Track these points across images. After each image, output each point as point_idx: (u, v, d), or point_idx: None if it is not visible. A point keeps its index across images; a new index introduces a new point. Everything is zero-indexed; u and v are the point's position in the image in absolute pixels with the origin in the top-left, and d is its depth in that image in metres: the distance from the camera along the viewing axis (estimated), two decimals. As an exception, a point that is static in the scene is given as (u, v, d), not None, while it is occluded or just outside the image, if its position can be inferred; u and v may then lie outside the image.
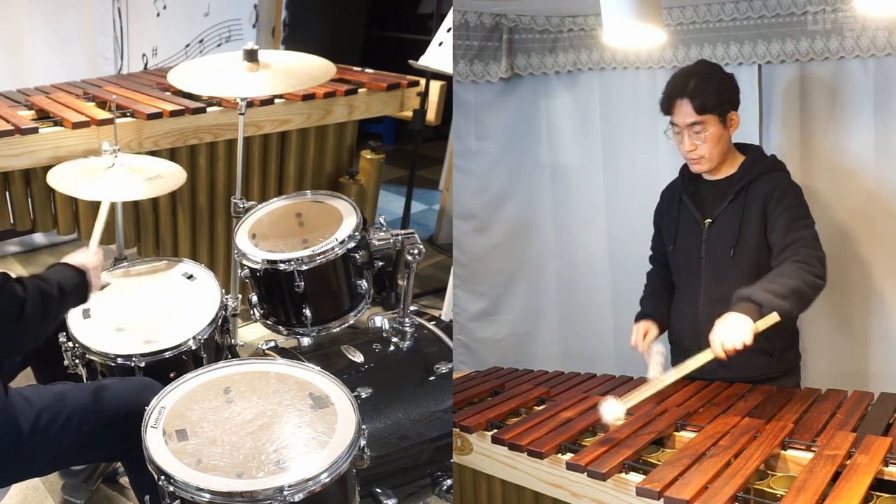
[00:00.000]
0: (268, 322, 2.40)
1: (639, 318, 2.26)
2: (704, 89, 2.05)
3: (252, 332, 3.14)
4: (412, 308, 2.27)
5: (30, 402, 1.76)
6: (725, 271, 2.13)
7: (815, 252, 1.95)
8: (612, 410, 1.73)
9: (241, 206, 2.63)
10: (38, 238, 4.00)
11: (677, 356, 2.26)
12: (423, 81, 3.40)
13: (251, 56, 2.42)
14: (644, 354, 2.11)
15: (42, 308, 1.72)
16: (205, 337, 2.12)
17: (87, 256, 1.93)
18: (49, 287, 1.77)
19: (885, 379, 2.50)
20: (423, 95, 3.43)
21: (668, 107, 2.11)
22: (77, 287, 1.86)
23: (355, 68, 3.37)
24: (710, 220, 2.15)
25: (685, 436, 1.78)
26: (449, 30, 2.96)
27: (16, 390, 1.78)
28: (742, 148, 2.19)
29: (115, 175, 2.37)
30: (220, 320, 2.21)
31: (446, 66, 2.96)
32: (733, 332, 1.78)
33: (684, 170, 2.24)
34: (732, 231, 2.11)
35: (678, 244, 2.23)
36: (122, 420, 1.81)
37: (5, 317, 1.65)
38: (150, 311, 2.20)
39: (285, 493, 1.53)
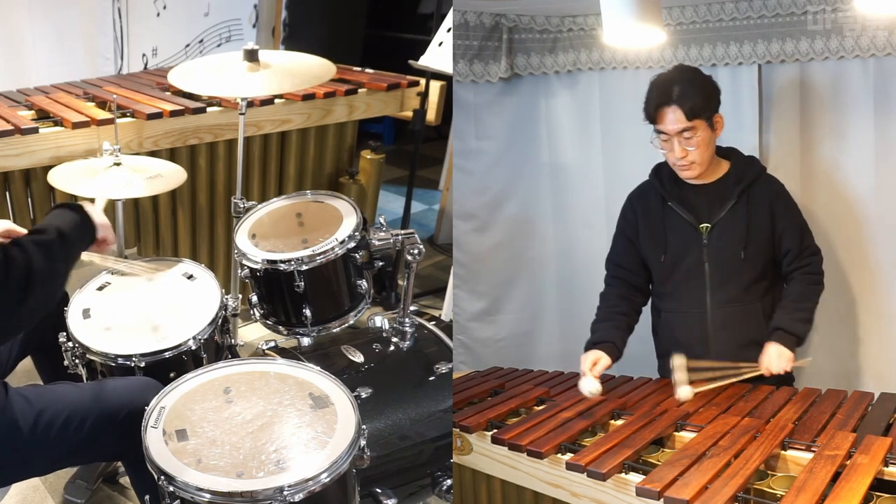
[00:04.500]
0: (268, 322, 2.40)
1: (588, 346, 2.11)
2: (692, 94, 2.03)
3: (252, 332, 3.14)
4: (412, 308, 2.27)
5: (30, 402, 1.76)
6: (733, 273, 2.13)
7: (818, 257, 2.17)
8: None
9: (241, 206, 2.63)
10: (38, 238, 3.99)
11: None
12: (423, 81, 3.40)
13: (251, 56, 2.42)
14: (588, 389, 1.97)
15: (48, 262, 1.62)
16: (205, 337, 2.11)
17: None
18: (48, 237, 1.67)
19: (885, 379, 2.50)
20: (423, 95, 3.43)
21: (654, 116, 2.09)
22: (78, 226, 1.77)
23: (355, 68, 3.37)
24: (708, 225, 2.14)
25: (685, 436, 1.78)
26: (449, 30, 2.95)
27: (16, 390, 1.78)
28: (718, 150, 2.17)
29: (116, 174, 2.37)
30: (220, 320, 2.21)
31: (446, 66, 2.95)
32: (778, 362, 2.01)
33: (661, 174, 2.21)
34: (740, 233, 2.11)
35: (671, 252, 2.18)
36: (123, 420, 1.81)
37: (15, 285, 1.57)
38: (150, 311, 2.20)
39: (285, 493, 1.53)
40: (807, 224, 2.18)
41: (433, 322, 2.33)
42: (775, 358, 2.01)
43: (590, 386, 1.97)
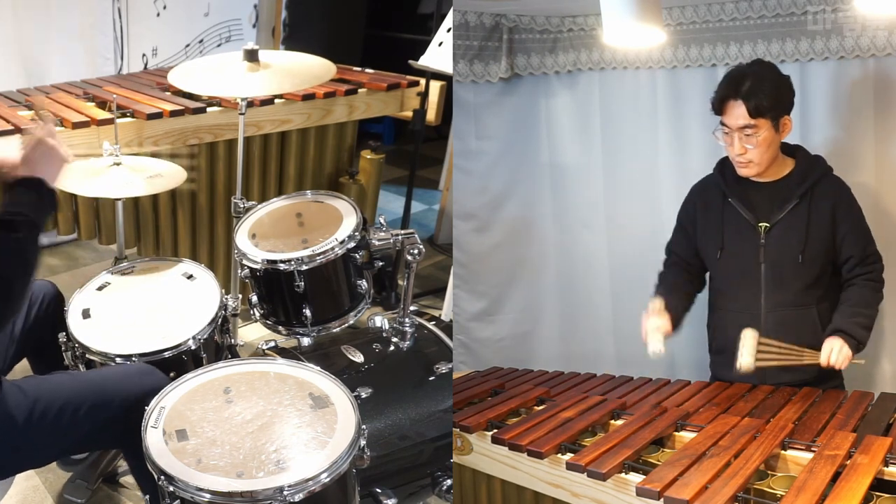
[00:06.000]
0: (268, 322, 2.40)
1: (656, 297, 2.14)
2: (759, 91, 2.00)
3: (252, 332, 3.14)
4: (412, 308, 2.27)
5: (24, 393, 1.75)
6: (790, 276, 2.09)
7: (880, 265, 2.12)
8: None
9: (241, 205, 2.63)
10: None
11: (730, 365, 2.14)
12: (423, 81, 3.40)
13: (251, 56, 2.42)
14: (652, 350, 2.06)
15: (14, 247, 1.56)
16: (205, 337, 2.12)
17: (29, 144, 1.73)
18: (20, 235, 1.58)
19: (885, 379, 2.50)
20: (423, 95, 3.43)
21: (720, 108, 2.06)
22: (38, 202, 1.67)
23: (355, 68, 3.37)
24: (767, 225, 2.09)
25: (685, 436, 1.78)
26: (449, 30, 2.96)
27: (10, 382, 1.77)
28: (785, 147, 2.13)
29: (116, 174, 2.37)
30: (220, 320, 2.21)
31: (446, 66, 2.96)
32: (838, 355, 1.96)
33: (725, 169, 2.17)
34: (799, 235, 2.07)
35: (728, 250, 2.14)
36: (119, 406, 1.80)
37: None
38: (150, 311, 2.20)
39: (285, 493, 1.53)
40: (869, 230, 2.12)
41: (433, 322, 2.33)
42: (836, 351, 1.95)
43: (654, 346, 2.05)
